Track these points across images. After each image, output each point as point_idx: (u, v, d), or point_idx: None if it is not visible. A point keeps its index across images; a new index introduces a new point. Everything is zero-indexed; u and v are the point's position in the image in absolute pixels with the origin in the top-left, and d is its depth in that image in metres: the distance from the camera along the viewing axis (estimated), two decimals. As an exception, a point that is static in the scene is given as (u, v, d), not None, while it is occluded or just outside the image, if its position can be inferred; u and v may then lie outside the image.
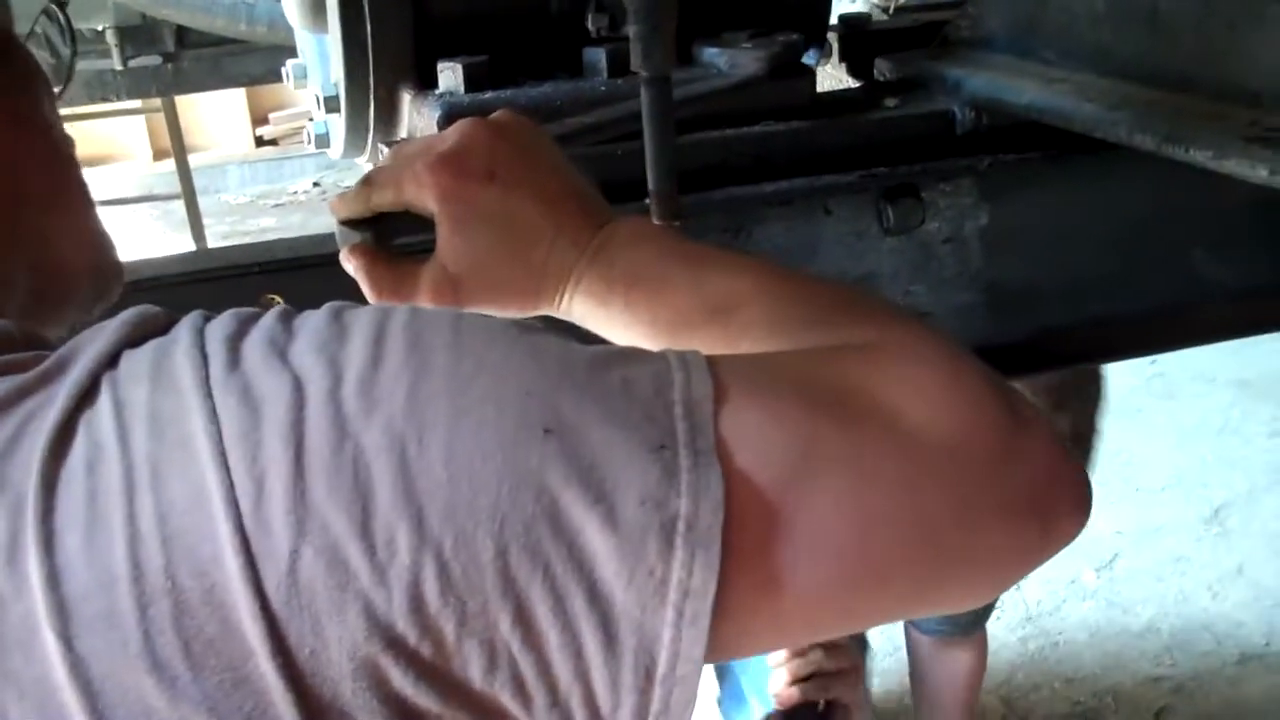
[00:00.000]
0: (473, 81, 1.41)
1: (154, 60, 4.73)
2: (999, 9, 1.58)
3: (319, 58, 1.63)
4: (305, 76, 1.70)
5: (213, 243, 8.30)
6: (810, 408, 0.66)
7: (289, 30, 1.71)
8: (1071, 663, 4.21)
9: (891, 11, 3.81)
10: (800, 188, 1.47)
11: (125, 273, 0.94)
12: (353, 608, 0.55)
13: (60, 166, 0.87)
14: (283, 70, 1.70)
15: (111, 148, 9.37)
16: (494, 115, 0.99)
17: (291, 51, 1.76)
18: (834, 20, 1.77)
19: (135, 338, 0.63)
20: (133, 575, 0.54)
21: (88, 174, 0.91)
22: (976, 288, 1.60)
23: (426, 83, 1.46)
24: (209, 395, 0.58)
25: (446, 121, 1.36)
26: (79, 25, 3.89)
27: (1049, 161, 1.53)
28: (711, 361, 0.66)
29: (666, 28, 0.96)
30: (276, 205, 9.52)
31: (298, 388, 0.58)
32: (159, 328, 0.64)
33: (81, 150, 0.92)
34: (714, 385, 0.64)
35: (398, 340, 0.61)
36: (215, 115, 9.70)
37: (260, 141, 10.24)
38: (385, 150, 1.52)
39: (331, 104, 1.53)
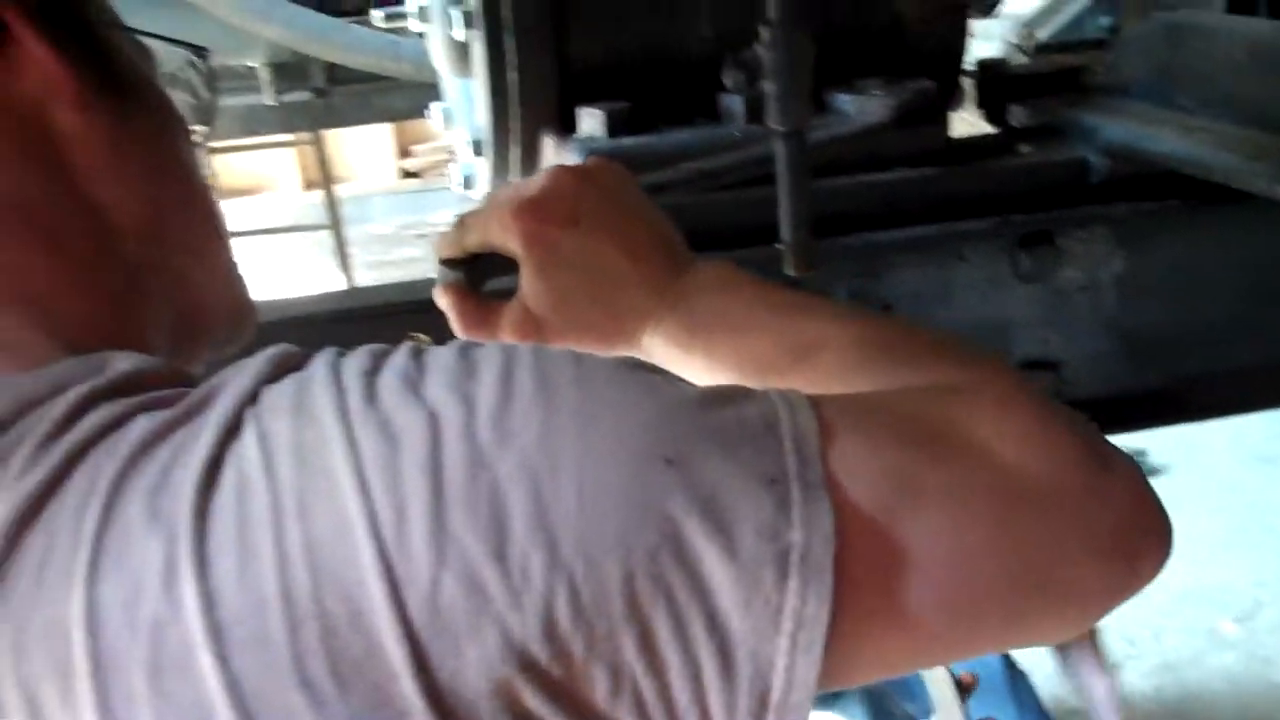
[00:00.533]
0: (613, 127, 1.45)
1: (305, 96, 4.88)
2: (1137, 56, 1.58)
3: (465, 102, 1.69)
4: (451, 120, 1.75)
5: (359, 271, 8.50)
6: (909, 444, 0.68)
7: (434, 69, 1.76)
8: (1208, 714, 4.11)
9: (1032, 50, 3.79)
10: (934, 234, 1.49)
11: (266, 311, 0.98)
12: (490, 630, 0.58)
13: (200, 209, 0.91)
14: (428, 112, 1.76)
15: (261, 178, 9.64)
16: (584, 162, 1.02)
17: (436, 88, 1.82)
18: (971, 65, 1.78)
19: (274, 375, 0.66)
20: (283, 599, 0.57)
21: (238, 204, 0.97)
22: (1112, 335, 1.59)
23: (569, 128, 1.51)
24: (349, 426, 0.61)
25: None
26: (232, 62, 4.02)
27: (1186, 210, 1.52)
28: (813, 399, 0.69)
29: (802, 85, 0.98)
30: (420, 236, 9.70)
31: (433, 421, 0.61)
32: (296, 364, 0.67)
33: (232, 181, 0.98)
34: (818, 421, 0.67)
35: (525, 377, 0.64)
36: (362, 147, 9.92)
37: (405, 173, 10.44)
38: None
39: (477, 148, 1.58)
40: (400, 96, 4.86)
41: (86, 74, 0.80)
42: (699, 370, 0.91)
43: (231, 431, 0.62)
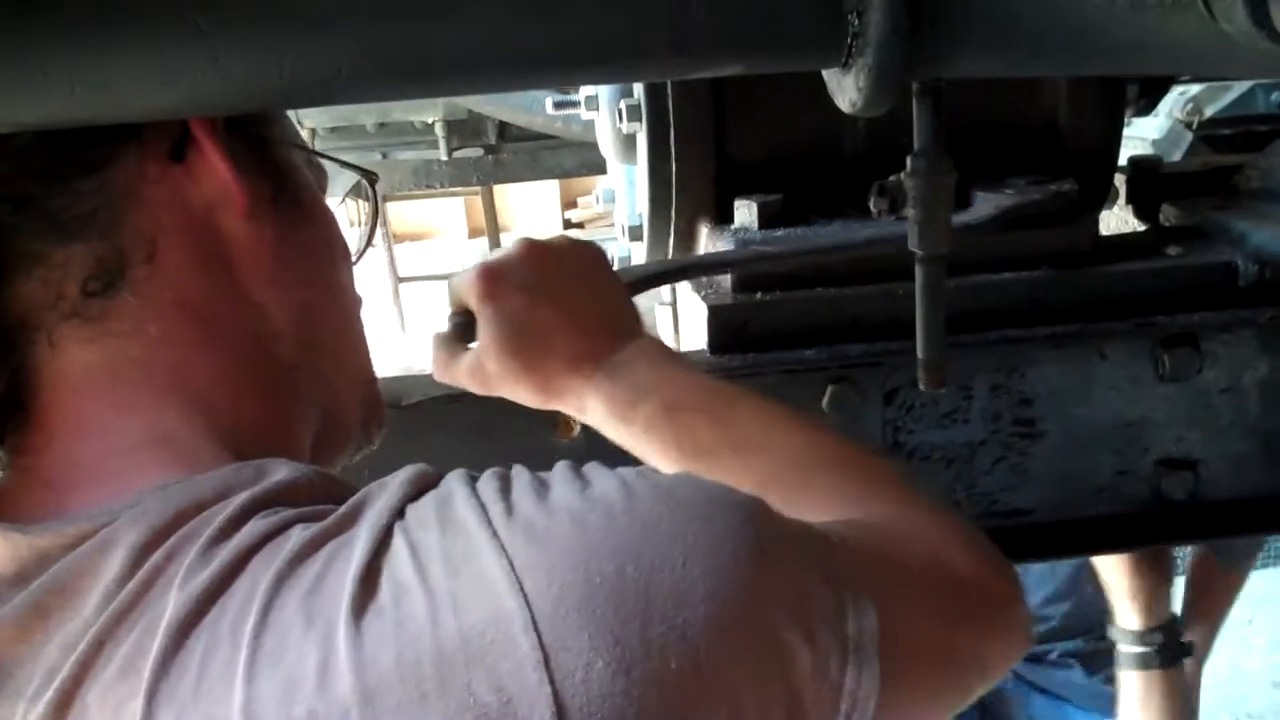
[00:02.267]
0: (766, 218, 1.51)
1: (476, 152, 5.04)
2: (1290, 164, 1.60)
3: (627, 185, 1.76)
4: (613, 200, 1.83)
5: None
6: (900, 564, 0.86)
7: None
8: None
9: (1196, 127, 3.75)
10: (1074, 332, 1.52)
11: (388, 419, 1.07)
12: (630, 711, 0.63)
13: (350, 323, 1.00)
14: (593, 195, 1.83)
15: (430, 225, 9.88)
16: (550, 237, 1.18)
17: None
18: (1124, 161, 1.80)
19: (415, 493, 0.73)
20: (439, 693, 0.61)
21: (408, 249, 1.09)
22: (1253, 438, 1.60)
23: (724, 217, 1.57)
24: (495, 535, 0.67)
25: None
26: (410, 118, 4.15)
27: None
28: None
29: (942, 212, 1.03)
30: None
31: (576, 523, 0.67)
32: (431, 483, 0.74)
33: (402, 227, 1.07)
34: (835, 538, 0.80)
35: (640, 484, 0.72)
36: (528, 198, 10.12)
37: (568, 224, 10.61)
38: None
39: (635, 233, 1.65)
40: (567, 155, 5.01)
41: (260, 186, 0.89)
42: (636, 442, 1.06)
43: (382, 543, 0.68)
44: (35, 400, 0.81)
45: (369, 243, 1.10)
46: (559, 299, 1.10)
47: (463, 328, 1.15)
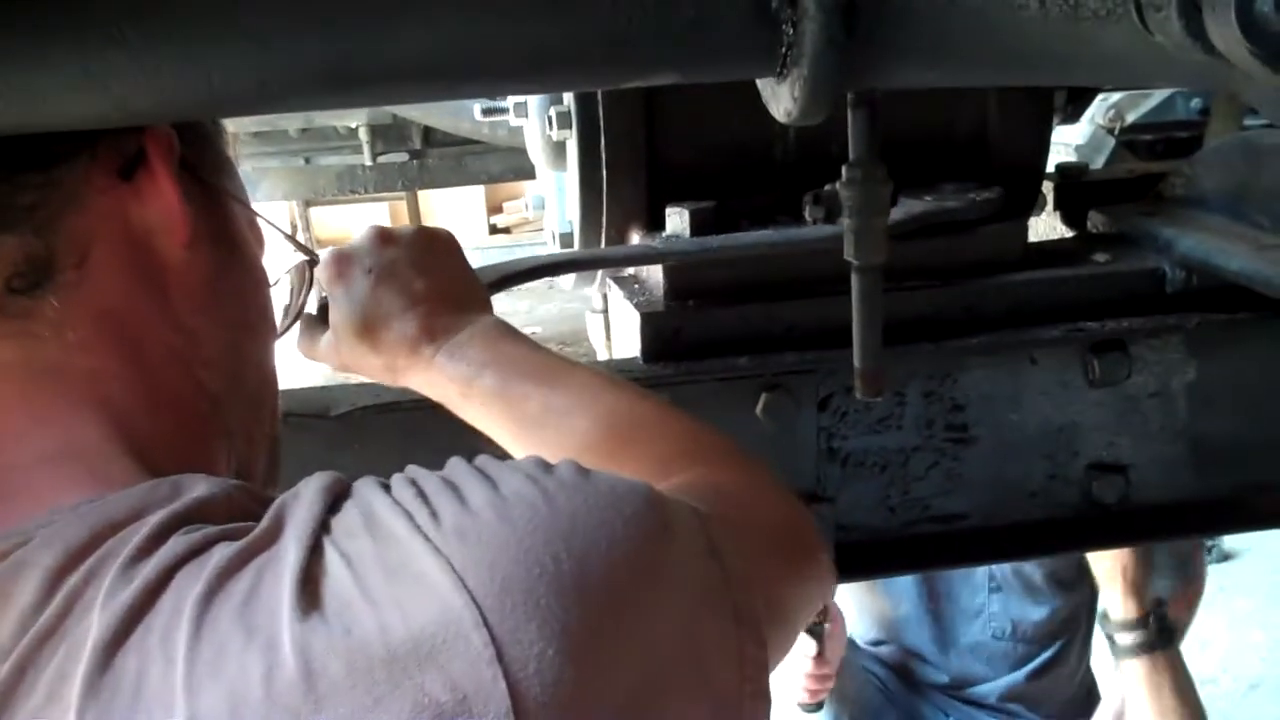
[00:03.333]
0: (698, 226, 1.50)
1: (401, 157, 5.01)
2: (1214, 171, 1.61)
3: (557, 192, 1.75)
4: (543, 207, 1.82)
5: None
6: (753, 525, 0.92)
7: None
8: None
9: (1118, 132, 3.79)
10: (1007, 340, 1.53)
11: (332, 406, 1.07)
12: (580, 695, 0.64)
13: (270, 370, 1.01)
14: (522, 202, 1.83)
15: (353, 231, 9.81)
16: (401, 227, 1.25)
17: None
18: (1051, 168, 1.81)
19: (330, 502, 0.73)
20: (392, 695, 0.61)
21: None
22: (1182, 442, 1.62)
23: (656, 225, 1.56)
24: (428, 539, 0.67)
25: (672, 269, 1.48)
26: (335, 123, 4.11)
27: (1258, 322, 1.55)
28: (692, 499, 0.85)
29: (878, 221, 1.03)
30: (505, 291, 9.84)
31: (505, 520, 0.68)
32: (343, 492, 0.74)
33: (325, 233, 1.08)
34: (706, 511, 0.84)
35: (552, 484, 0.74)
36: (453, 203, 10.09)
37: (494, 229, 10.59)
38: (612, 284, 1.63)
39: (566, 240, 1.64)
40: (494, 160, 4.99)
41: (201, 222, 0.89)
42: (474, 418, 1.11)
43: (313, 554, 0.68)
44: None
45: (296, 317, 1.18)
46: (401, 282, 1.16)
47: (324, 310, 1.21)
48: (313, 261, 1.14)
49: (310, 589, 0.66)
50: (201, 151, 0.92)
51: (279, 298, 1.10)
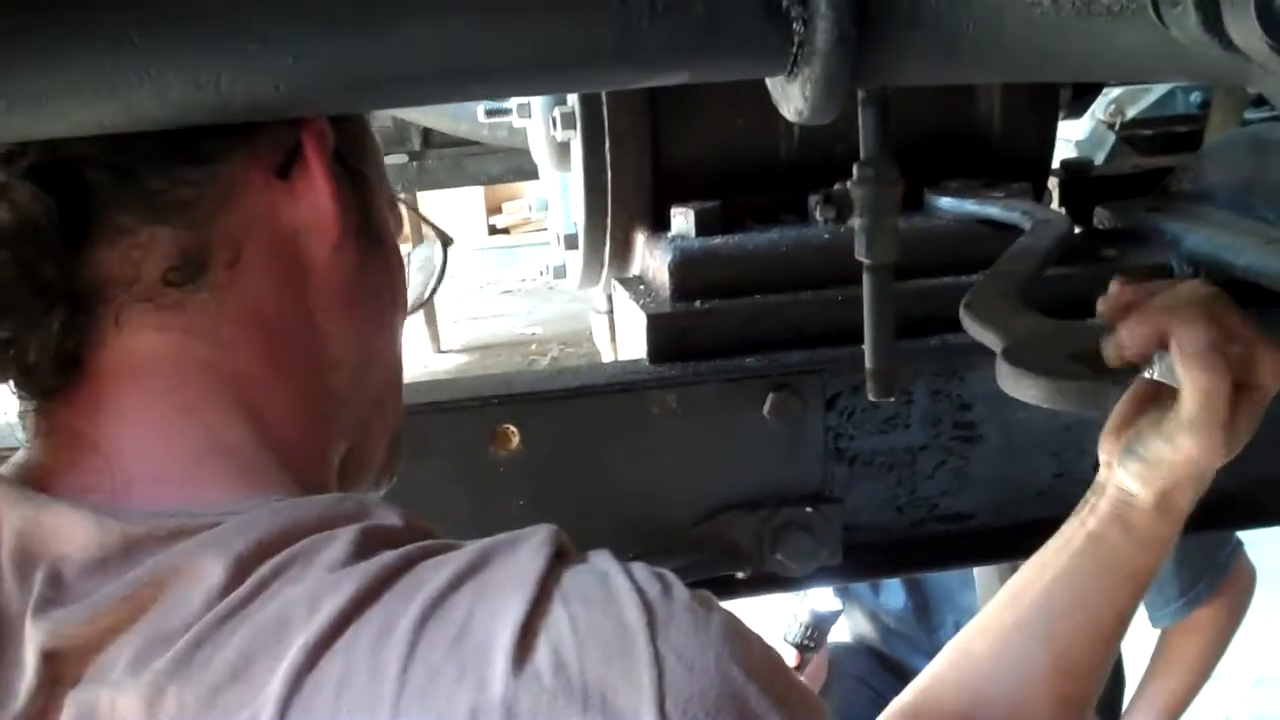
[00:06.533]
0: (704, 226, 1.50)
1: (401, 158, 5.00)
2: (1221, 166, 1.61)
3: (561, 194, 1.75)
4: (546, 208, 1.81)
5: (448, 325, 8.65)
6: None
7: (526, 135, 1.82)
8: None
9: (1119, 127, 3.78)
10: (1014, 337, 1.52)
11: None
12: None
13: (396, 376, 0.99)
14: (525, 203, 1.82)
15: (354, 232, 9.80)
16: None
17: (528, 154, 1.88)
18: (1056, 164, 1.81)
19: (555, 555, 0.72)
20: None
21: None
22: (1189, 439, 1.61)
23: (661, 225, 1.56)
24: (653, 642, 0.66)
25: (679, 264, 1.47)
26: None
27: (1264, 317, 1.54)
28: None
29: (889, 220, 1.02)
30: (505, 292, 9.85)
31: (721, 668, 0.66)
32: (568, 549, 0.74)
33: None
34: None
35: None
36: (452, 204, 10.07)
37: (493, 230, 10.59)
38: (617, 285, 1.62)
39: (570, 241, 1.64)
40: (493, 161, 4.98)
41: (350, 219, 0.88)
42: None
43: (540, 605, 0.67)
44: (92, 364, 0.80)
45: (431, 296, 1.10)
46: None
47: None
48: (447, 241, 1.08)
49: (529, 640, 0.66)
50: (351, 138, 0.90)
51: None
